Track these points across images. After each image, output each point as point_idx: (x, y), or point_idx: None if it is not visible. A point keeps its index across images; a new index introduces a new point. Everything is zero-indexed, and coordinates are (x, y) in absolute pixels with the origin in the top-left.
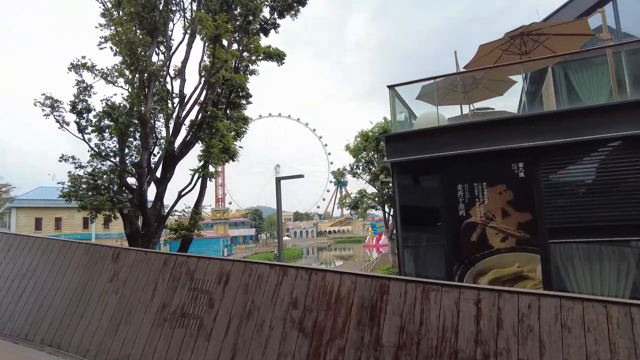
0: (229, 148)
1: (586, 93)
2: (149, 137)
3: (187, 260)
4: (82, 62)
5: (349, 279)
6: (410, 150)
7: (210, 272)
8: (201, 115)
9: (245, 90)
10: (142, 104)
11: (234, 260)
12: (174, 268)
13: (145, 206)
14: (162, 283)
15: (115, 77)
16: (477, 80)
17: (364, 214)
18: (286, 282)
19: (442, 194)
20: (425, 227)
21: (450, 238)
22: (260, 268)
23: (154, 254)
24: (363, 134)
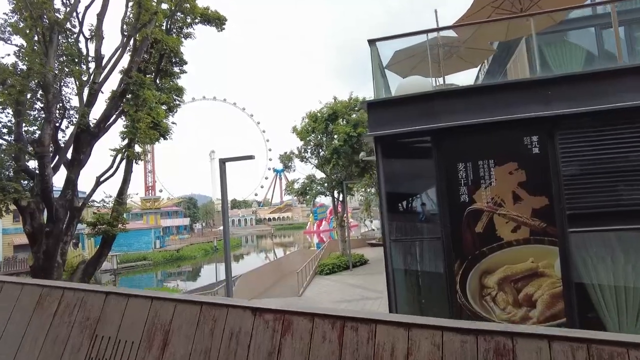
0: (160, 123)
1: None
2: (52, 107)
3: (84, 298)
4: None
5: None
6: (398, 121)
7: (131, 322)
8: (124, 83)
9: (179, 55)
10: (42, 64)
11: (179, 300)
12: (58, 313)
13: (51, 196)
14: (32, 346)
15: (9, 34)
16: (453, 49)
17: (313, 201)
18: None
19: (439, 175)
20: (418, 216)
21: (450, 229)
22: (235, 314)
23: (16, 285)
24: (311, 114)
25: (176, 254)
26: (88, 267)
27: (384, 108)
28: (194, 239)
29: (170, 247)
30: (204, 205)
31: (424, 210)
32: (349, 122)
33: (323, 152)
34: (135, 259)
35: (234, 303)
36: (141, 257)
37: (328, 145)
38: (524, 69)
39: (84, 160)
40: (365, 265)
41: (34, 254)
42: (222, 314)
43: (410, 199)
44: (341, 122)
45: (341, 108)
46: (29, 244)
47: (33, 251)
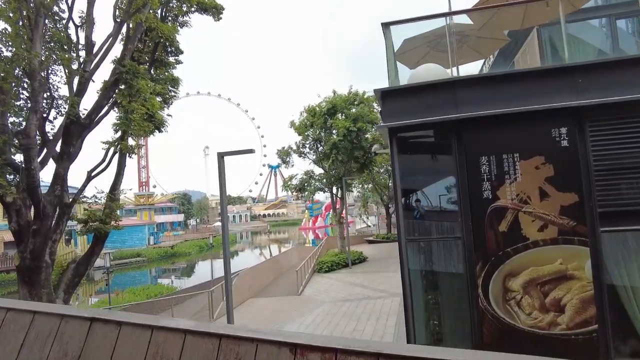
0: (154, 115)
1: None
2: (38, 96)
3: (61, 325)
4: None
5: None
6: (415, 111)
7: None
8: (117, 72)
9: (174, 44)
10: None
11: (189, 331)
12: (25, 346)
13: (37, 191)
14: None
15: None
16: (464, 38)
17: (312, 197)
18: None
19: (460, 169)
20: (437, 215)
21: (471, 228)
22: (267, 352)
23: None
24: (310, 109)
25: (170, 250)
26: (79, 267)
27: (399, 97)
28: (189, 236)
29: (165, 244)
30: (198, 202)
31: (443, 208)
32: (349, 117)
33: (322, 147)
34: (129, 255)
35: (264, 337)
36: (135, 253)
37: (327, 140)
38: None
39: (74, 154)
40: (364, 263)
41: (20, 253)
42: (250, 351)
43: (428, 196)
44: (340, 116)
45: (340, 102)
46: (15, 242)
47: (19, 250)
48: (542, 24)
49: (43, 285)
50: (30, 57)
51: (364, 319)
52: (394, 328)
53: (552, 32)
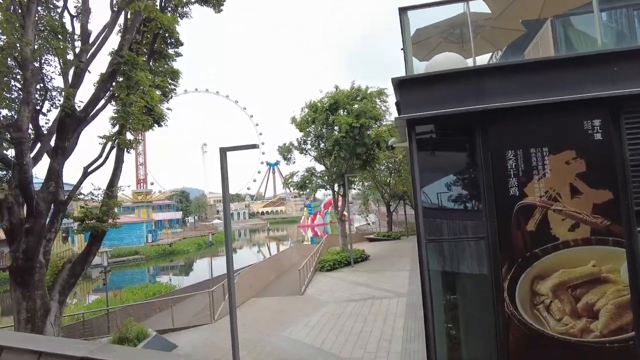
0: (153, 108)
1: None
2: (31, 86)
3: None
4: None
5: None
6: (436, 102)
7: None
8: (115, 63)
9: (174, 35)
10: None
11: None
12: None
13: (30, 187)
14: None
15: None
16: (478, 29)
17: (313, 194)
18: None
19: (485, 164)
20: (459, 213)
21: (497, 227)
22: None
23: None
24: (311, 104)
25: (169, 248)
26: (75, 267)
27: (418, 87)
28: (187, 233)
29: (163, 241)
30: (197, 199)
31: (465, 206)
32: (351, 113)
33: (323, 143)
34: (126, 253)
35: None
36: (133, 251)
37: (329, 136)
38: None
39: (69, 149)
40: (366, 262)
41: (12, 253)
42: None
43: (450, 193)
44: (342, 112)
45: (343, 98)
46: (7, 242)
47: (11, 250)
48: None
49: (37, 286)
50: (22, 45)
51: (370, 321)
52: (402, 331)
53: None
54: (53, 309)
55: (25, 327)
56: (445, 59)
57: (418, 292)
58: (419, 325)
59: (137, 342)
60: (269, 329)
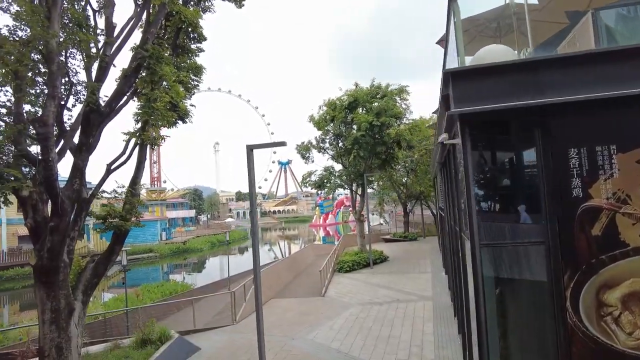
0: (178, 104)
1: None
2: (56, 80)
3: None
4: None
5: None
6: (490, 96)
7: None
8: (139, 57)
9: (197, 30)
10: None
11: None
12: None
13: (55, 185)
14: None
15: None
16: (518, 22)
17: (332, 193)
18: None
19: (545, 163)
20: (515, 216)
21: (558, 231)
22: None
23: None
24: (330, 102)
25: (182, 246)
26: (98, 267)
27: (471, 80)
28: (200, 231)
29: (177, 239)
30: (209, 197)
31: (523, 208)
32: (370, 111)
33: (342, 142)
34: (141, 251)
35: None
36: (147, 249)
37: (348, 135)
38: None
39: (92, 145)
40: (386, 263)
41: (36, 252)
42: None
43: (506, 194)
44: (361, 110)
45: (362, 95)
46: (32, 240)
47: (36, 249)
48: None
49: (61, 286)
50: (48, 37)
51: (397, 324)
52: (432, 336)
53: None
54: (77, 309)
55: (50, 328)
56: (491, 51)
57: (443, 295)
58: (449, 330)
59: (160, 343)
60: (293, 332)
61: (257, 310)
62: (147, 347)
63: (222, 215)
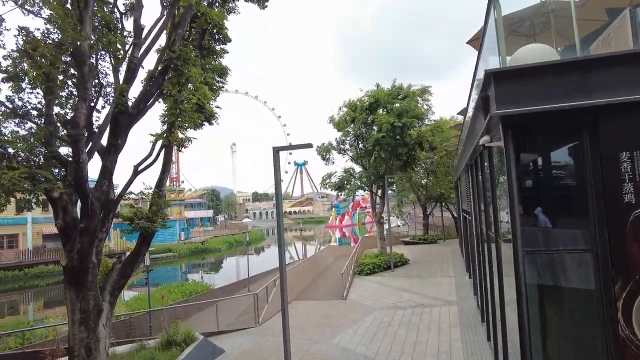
0: (204, 106)
1: None
2: (88, 82)
3: None
4: None
5: None
6: (536, 97)
7: None
8: (166, 57)
9: (222, 31)
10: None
11: None
12: None
13: (85, 186)
14: None
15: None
16: (556, 19)
17: (352, 195)
18: None
19: (593, 167)
20: (562, 222)
21: (607, 239)
22: None
23: None
24: (350, 103)
25: (201, 246)
26: (125, 268)
27: (514, 80)
28: (218, 232)
29: (195, 239)
30: (226, 198)
31: (569, 214)
32: (391, 112)
33: (362, 144)
34: (160, 250)
35: None
36: (166, 249)
37: (368, 136)
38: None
39: (120, 146)
40: (406, 266)
41: (67, 253)
42: None
43: (550, 199)
44: (381, 111)
45: (384, 96)
46: (61, 241)
47: (66, 250)
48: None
49: (90, 287)
50: (80, 40)
51: (423, 330)
52: (460, 342)
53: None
54: (105, 310)
55: (79, 328)
56: (530, 51)
57: (469, 300)
58: (477, 336)
59: (185, 345)
60: (317, 335)
61: (283, 314)
62: (172, 349)
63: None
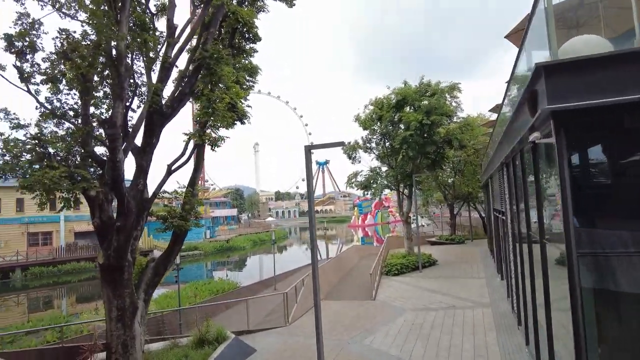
0: (236, 105)
1: None
2: (124, 82)
3: None
4: None
5: None
6: (592, 91)
7: None
8: (199, 56)
9: (252, 30)
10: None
11: None
12: None
13: (122, 185)
14: None
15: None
16: (603, 9)
17: (379, 194)
18: None
19: None
20: (621, 223)
21: None
22: None
23: None
24: (377, 101)
25: (226, 244)
26: (159, 266)
27: (567, 73)
28: (242, 230)
29: (220, 238)
30: (249, 197)
31: (628, 214)
32: (419, 109)
33: (389, 142)
34: (186, 249)
35: None
36: (193, 247)
37: (395, 135)
38: None
39: (154, 145)
40: (435, 267)
41: (104, 251)
42: None
43: (607, 198)
44: (408, 109)
45: (411, 93)
46: (98, 240)
47: (103, 248)
48: None
49: (125, 285)
50: (118, 39)
51: (457, 333)
52: (496, 346)
53: None
54: (139, 307)
55: (116, 325)
56: (584, 43)
57: (502, 302)
58: (514, 340)
59: (217, 344)
60: (348, 336)
61: (316, 314)
62: (205, 347)
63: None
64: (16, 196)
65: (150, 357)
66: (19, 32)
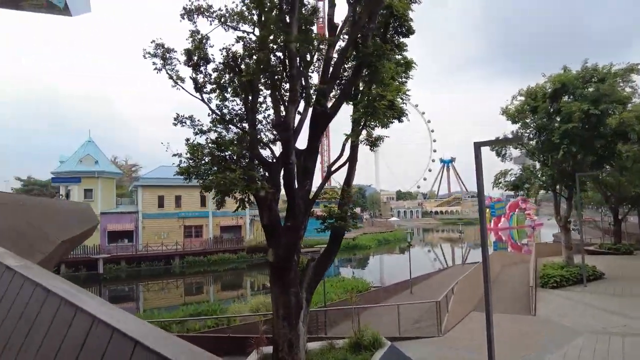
0: (394, 103)
1: None
2: (296, 84)
3: None
4: (197, 6)
5: None
6: None
7: None
8: (361, 54)
9: (406, 23)
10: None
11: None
12: None
13: (294, 187)
14: None
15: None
16: None
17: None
18: None
19: None
20: None
21: None
22: None
23: None
24: (529, 91)
25: (352, 242)
26: (318, 266)
27: None
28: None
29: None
30: (370, 196)
31: None
32: (583, 98)
33: (545, 136)
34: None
35: None
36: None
37: (554, 128)
38: None
39: (318, 147)
40: (602, 281)
41: (273, 250)
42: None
43: None
44: (566, 98)
45: (572, 80)
46: (266, 239)
47: (272, 247)
48: None
49: (292, 284)
50: (290, 41)
51: None
52: None
53: None
54: (303, 306)
55: (283, 324)
56: None
57: None
58: None
59: (373, 350)
60: (514, 356)
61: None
62: (362, 352)
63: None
64: (175, 193)
65: (310, 358)
66: (195, 46)
